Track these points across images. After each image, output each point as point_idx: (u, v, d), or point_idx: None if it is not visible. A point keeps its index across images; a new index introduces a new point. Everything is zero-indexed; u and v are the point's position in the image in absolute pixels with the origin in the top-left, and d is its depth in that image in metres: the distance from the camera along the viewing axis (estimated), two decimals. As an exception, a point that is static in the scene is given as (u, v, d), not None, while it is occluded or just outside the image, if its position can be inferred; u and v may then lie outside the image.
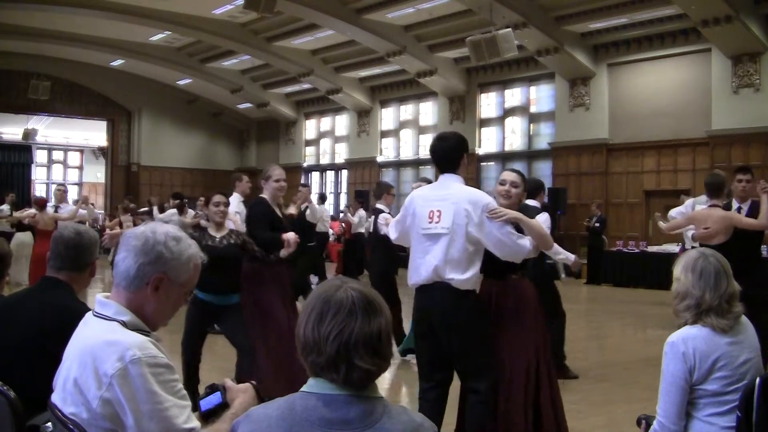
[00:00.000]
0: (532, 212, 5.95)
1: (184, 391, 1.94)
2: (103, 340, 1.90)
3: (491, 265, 3.89)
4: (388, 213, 6.73)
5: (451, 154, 3.87)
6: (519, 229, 3.83)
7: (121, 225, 11.60)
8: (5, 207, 13.25)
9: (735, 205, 5.91)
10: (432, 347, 3.85)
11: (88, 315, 2.05)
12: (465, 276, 3.70)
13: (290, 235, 5.10)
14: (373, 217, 7.31)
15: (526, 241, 3.77)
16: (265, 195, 5.44)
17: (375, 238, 7.22)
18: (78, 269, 2.88)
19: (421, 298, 3.84)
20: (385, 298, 5.02)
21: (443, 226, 3.69)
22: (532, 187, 6.23)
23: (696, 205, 7.50)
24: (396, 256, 7.17)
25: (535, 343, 4.02)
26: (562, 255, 6.18)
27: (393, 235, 4.13)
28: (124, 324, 1.96)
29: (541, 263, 6.17)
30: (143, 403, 1.83)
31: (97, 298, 2.03)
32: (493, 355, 3.85)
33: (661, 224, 12.15)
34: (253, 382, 2.15)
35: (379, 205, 7.35)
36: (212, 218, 5.13)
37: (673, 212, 9.42)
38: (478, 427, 3.79)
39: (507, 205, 3.92)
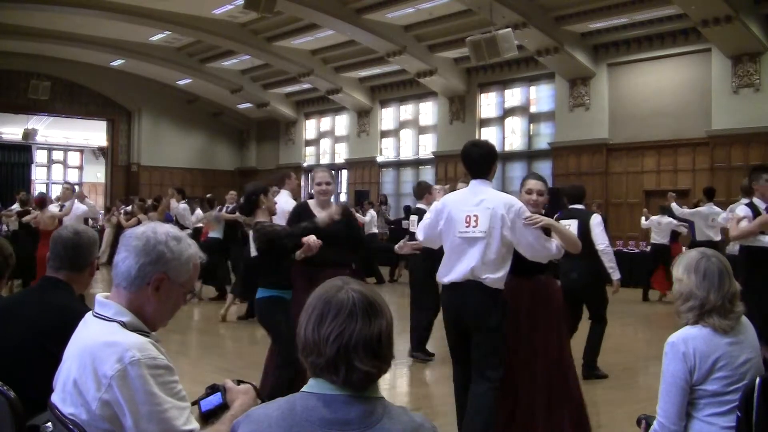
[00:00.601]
0: (584, 215, 6.04)
1: (184, 393, 1.94)
2: (102, 341, 1.89)
3: (522, 265, 4.16)
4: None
5: (485, 161, 4.11)
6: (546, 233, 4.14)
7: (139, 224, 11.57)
8: (17, 206, 13.22)
9: (762, 204, 5.85)
10: (458, 337, 4.13)
11: (88, 315, 2.05)
12: (497, 275, 3.96)
13: (310, 239, 4.78)
14: (416, 217, 7.21)
15: (553, 245, 4.08)
16: (312, 199, 5.37)
17: None
18: (77, 269, 2.88)
19: (452, 294, 4.07)
20: (430, 300, 5.37)
21: (480, 230, 3.93)
22: (577, 194, 6.51)
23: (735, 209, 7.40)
24: (440, 256, 7.18)
25: (561, 339, 4.34)
26: (611, 266, 6.20)
27: (420, 236, 4.35)
28: (123, 325, 1.96)
29: (600, 268, 6.26)
30: (142, 404, 1.83)
31: (97, 298, 2.03)
32: (505, 352, 4.07)
33: (644, 222, 12.21)
34: (254, 383, 2.15)
35: (420, 205, 7.34)
36: (272, 209, 4.97)
37: (722, 218, 9.31)
38: (489, 411, 3.95)
39: (533, 212, 4.15)
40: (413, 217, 7.35)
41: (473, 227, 3.95)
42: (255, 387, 2.13)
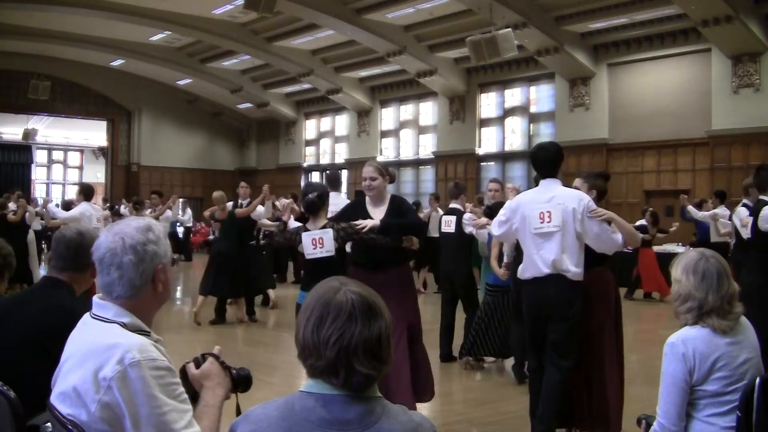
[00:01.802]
0: None
1: (185, 395, 1.93)
2: (102, 343, 1.89)
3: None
4: (470, 213, 7.10)
5: (552, 161, 4.44)
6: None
7: None
8: (12, 205, 13.15)
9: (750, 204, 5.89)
10: (539, 329, 4.40)
11: (86, 317, 2.04)
12: (578, 269, 4.27)
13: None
14: (453, 217, 7.16)
15: (619, 236, 4.35)
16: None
17: (460, 237, 7.09)
18: (79, 269, 2.88)
19: (536, 289, 4.35)
20: (472, 298, 5.87)
21: (554, 224, 4.24)
22: None
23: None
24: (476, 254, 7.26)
25: (615, 328, 4.56)
26: None
27: (496, 232, 4.65)
28: (124, 326, 1.95)
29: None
30: (142, 406, 1.82)
31: (95, 300, 2.02)
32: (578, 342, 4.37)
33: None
34: (214, 352, 2.12)
35: (455, 205, 7.32)
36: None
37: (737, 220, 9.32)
38: (555, 401, 4.28)
39: None
40: (449, 217, 7.26)
41: (547, 222, 4.23)
42: (216, 357, 2.11)
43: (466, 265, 7.18)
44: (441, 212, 14.35)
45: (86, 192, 9.81)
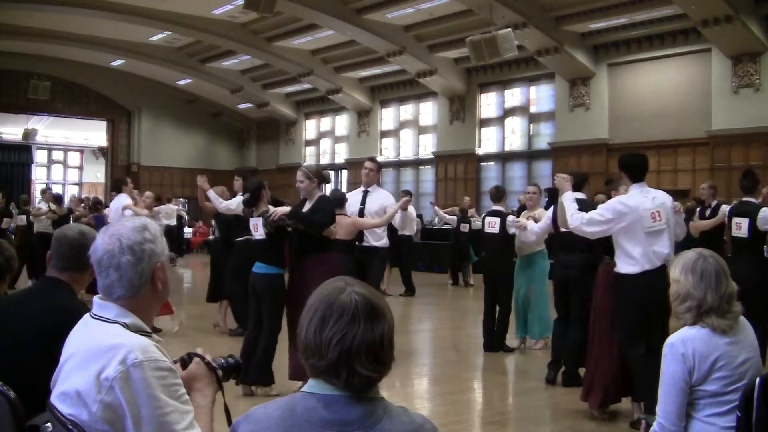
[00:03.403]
0: (584, 205, 6.32)
1: (187, 396, 1.93)
2: (104, 343, 1.88)
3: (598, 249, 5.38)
4: (512, 214, 7.72)
5: (643, 167, 5.01)
6: None
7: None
8: (43, 205, 13.18)
9: None
10: (643, 319, 4.84)
11: (86, 317, 2.03)
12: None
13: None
14: (497, 219, 7.61)
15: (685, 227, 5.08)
16: None
17: (504, 238, 7.53)
18: (80, 269, 2.87)
19: (648, 282, 4.72)
20: (509, 295, 6.93)
21: (663, 222, 4.84)
22: (580, 180, 6.41)
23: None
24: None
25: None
26: None
27: (592, 228, 4.94)
28: (126, 326, 1.95)
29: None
30: (143, 407, 1.82)
31: (95, 300, 2.02)
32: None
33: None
34: (198, 352, 2.12)
35: (498, 208, 7.79)
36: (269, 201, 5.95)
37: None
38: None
39: None
40: (493, 219, 7.68)
41: (658, 221, 4.80)
42: (202, 357, 2.11)
43: (509, 263, 7.71)
44: (413, 210, 14.46)
45: (113, 186, 9.63)
